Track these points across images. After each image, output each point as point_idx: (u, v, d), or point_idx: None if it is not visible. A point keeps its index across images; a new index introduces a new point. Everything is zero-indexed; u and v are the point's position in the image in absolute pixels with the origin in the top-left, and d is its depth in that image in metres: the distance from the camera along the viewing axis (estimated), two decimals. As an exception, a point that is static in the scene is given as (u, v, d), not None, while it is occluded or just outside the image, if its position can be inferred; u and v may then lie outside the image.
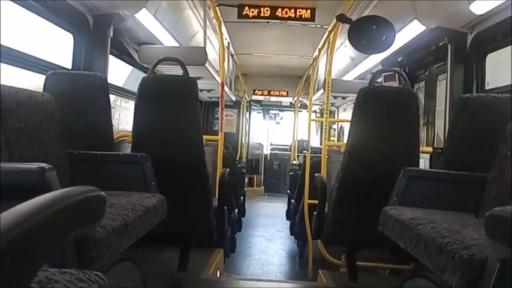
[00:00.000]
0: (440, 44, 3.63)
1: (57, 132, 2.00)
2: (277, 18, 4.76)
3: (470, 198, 1.91)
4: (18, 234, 0.48)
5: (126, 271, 1.92)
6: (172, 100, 2.47)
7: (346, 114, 7.87)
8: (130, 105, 4.95)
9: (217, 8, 3.95)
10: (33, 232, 0.50)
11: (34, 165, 1.24)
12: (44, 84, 2.35)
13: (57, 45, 3.15)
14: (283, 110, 11.10)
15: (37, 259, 0.55)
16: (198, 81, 4.76)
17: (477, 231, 1.36)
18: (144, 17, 3.57)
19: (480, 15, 2.95)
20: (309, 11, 4.67)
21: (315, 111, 9.70)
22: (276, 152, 10.64)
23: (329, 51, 3.88)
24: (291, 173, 6.47)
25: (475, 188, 1.91)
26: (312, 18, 4.73)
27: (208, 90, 6.26)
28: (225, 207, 2.83)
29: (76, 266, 1.18)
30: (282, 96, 9.43)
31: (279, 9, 4.69)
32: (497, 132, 1.83)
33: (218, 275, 3.20)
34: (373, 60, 5.04)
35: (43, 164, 1.24)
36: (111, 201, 1.63)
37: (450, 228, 1.44)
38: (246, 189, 7.50)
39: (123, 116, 5.86)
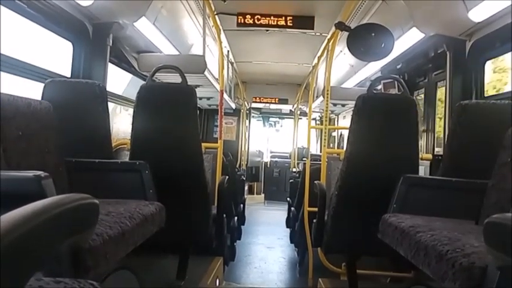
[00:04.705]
0: (439, 51, 3.63)
1: (55, 140, 2.00)
2: (276, 26, 4.78)
3: (470, 205, 1.90)
4: (6, 242, 0.47)
5: (124, 279, 1.90)
6: (171, 108, 2.47)
7: (345, 122, 7.87)
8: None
9: (216, 16, 3.97)
10: (22, 240, 0.50)
11: (30, 173, 1.23)
12: (43, 92, 2.36)
13: (56, 54, 3.15)
14: (283, 118, 11.10)
15: (27, 267, 0.54)
16: (198, 89, 4.80)
17: (477, 239, 1.34)
18: (144, 26, 3.58)
19: (478, 22, 2.96)
20: (308, 19, 4.69)
21: (314, 119, 9.71)
22: (276, 159, 10.62)
23: (328, 58, 3.88)
24: (291, 181, 6.45)
25: (475, 195, 1.90)
26: (311, 26, 4.74)
27: (208, 98, 6.27)
28: (224, 215, 2.82)
29: (72, 275, 1.17)
30: (281, 103, 9.44)
31: (278, 17, 4.71)
32: (496, 139, 1.83)
33: (217, 284, 3.18)
34: (373, 68, 5.05)
35: (39, 172, 1.24)
36: (109, 209, 1.62)
37: (450, 235, 1.43)
38: (245, 196, 7.48)
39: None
